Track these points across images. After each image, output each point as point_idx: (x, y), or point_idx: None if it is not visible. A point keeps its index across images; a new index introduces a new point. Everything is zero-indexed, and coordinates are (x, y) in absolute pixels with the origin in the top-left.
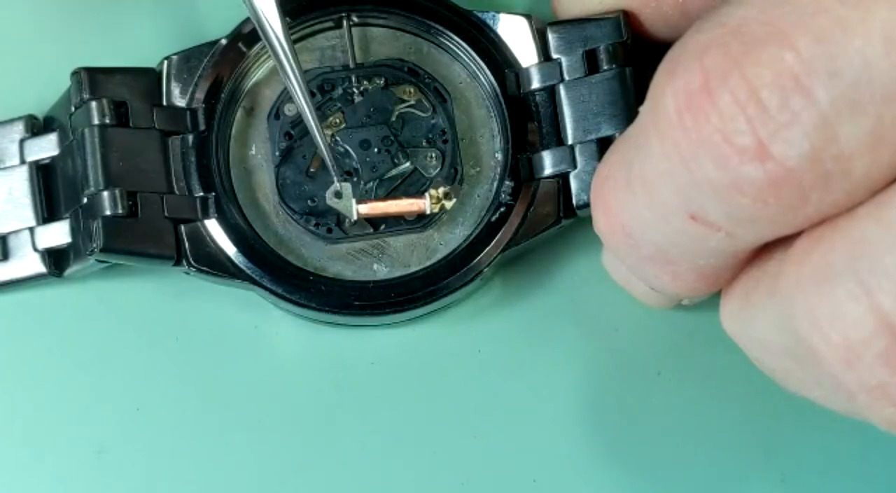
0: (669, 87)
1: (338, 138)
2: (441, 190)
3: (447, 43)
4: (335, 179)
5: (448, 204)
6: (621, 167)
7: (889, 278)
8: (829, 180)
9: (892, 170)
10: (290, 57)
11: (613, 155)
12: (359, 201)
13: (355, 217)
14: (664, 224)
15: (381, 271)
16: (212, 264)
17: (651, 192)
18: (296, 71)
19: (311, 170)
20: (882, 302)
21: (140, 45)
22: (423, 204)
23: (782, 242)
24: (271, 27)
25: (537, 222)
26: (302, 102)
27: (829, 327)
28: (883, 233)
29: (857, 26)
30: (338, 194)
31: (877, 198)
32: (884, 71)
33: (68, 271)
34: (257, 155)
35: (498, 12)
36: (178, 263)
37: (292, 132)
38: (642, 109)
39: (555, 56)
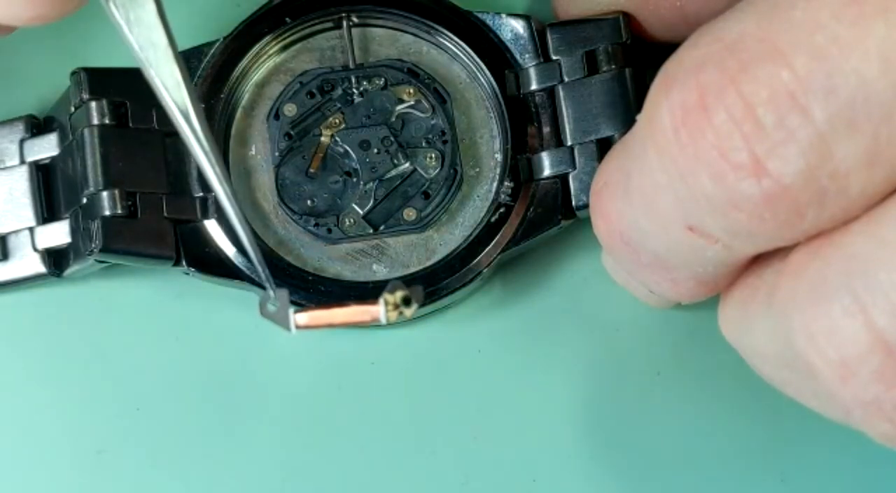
0: (666, 102)
1: (337, 139)
2: (398, 294)
3: (447, 43)
4: (266, 286)
5: (409, 311)
6: (620, 175)
7: (883, 295)
8: (824, 197)
9: (888, 186)
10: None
11: (612, 161)
12: (298, 310)
13: (293, 330)
14: (662, 234)
15: (380, 272)
16: (211, 264)
17: (649, 203)
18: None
19: (311, 170)
20: (877, 319)
21: None
22: (377, 311)
23: (780, 250)
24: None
25: (537, 223)
26: (220, 190)
27: (825, 343)
28: (877, 249)
29: (854, 45)
30: (272, 304)
31: (871, 214)
32: (880, 89)
33: (68, 271)
34: (257, 155)
35: (498, 13)
36: (177, 263)
37: (292, 132)
38: (639, 118)
39: (554, 57)
